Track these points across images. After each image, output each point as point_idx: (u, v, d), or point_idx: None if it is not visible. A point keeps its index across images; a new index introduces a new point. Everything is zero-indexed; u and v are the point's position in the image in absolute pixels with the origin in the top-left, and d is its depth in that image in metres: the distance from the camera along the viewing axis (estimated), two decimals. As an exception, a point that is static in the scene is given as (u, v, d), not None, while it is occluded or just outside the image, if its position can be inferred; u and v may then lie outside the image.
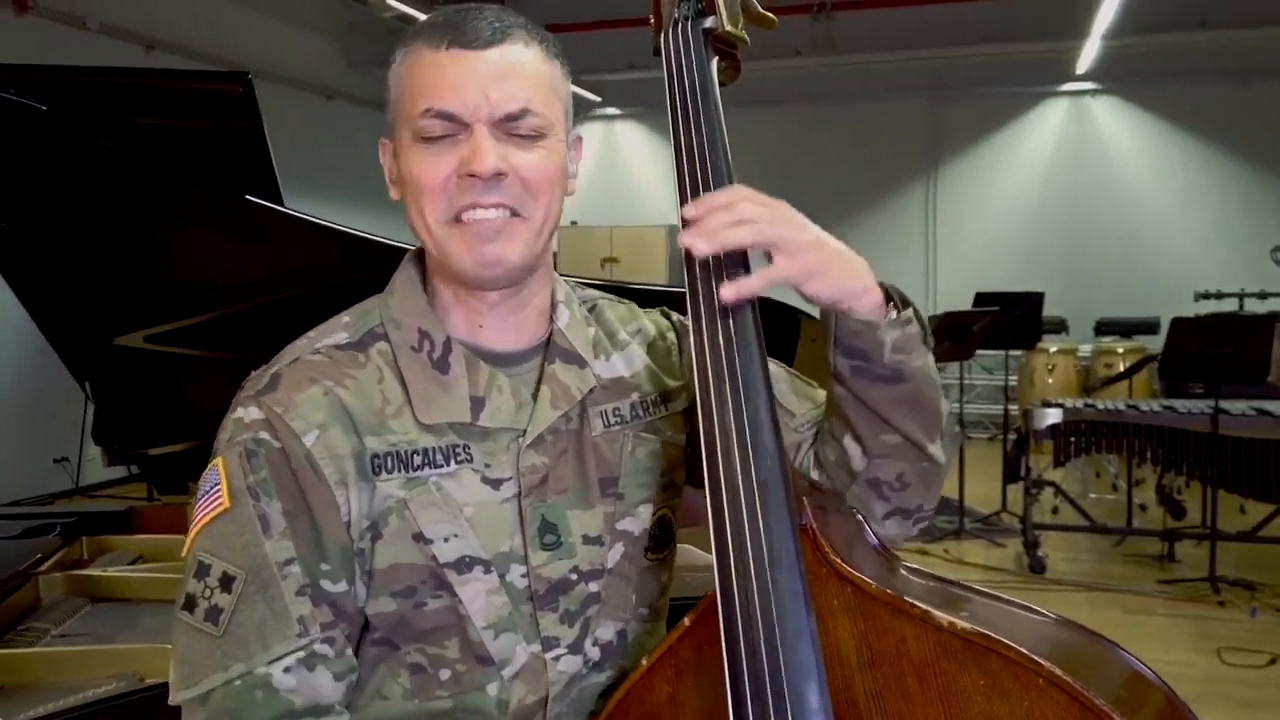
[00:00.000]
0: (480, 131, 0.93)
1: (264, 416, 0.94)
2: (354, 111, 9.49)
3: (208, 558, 0.91)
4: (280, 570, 0.91)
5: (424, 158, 0.94)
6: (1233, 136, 9.09)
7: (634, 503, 1.06)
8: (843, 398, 1.01)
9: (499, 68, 0.93)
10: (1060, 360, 8.15)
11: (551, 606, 1.00)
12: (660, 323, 1.17)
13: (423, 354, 0.99)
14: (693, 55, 1.04)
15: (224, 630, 0.89)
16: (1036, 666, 0.79)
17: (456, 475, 0.97)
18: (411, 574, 0.96)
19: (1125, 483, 5.76)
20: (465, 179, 0.93)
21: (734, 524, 0.89)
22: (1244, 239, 8.88)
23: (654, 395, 1.10)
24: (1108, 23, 7.81)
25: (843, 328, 0.97)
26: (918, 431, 1.00)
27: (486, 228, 0.94)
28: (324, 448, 0.93)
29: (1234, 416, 4.77)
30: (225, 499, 0.92)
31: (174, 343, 2.29)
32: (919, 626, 0.84)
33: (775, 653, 0.84)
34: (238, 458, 0.92)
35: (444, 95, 0.92)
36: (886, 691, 0.84)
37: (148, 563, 2.44)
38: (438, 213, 0.95)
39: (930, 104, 9.71)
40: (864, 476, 1.03)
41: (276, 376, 0.96)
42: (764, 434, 0.91)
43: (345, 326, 1.02)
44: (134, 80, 1.70)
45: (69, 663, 1.85)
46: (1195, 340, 4.95)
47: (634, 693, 0.95)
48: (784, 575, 0.85)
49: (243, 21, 8.01)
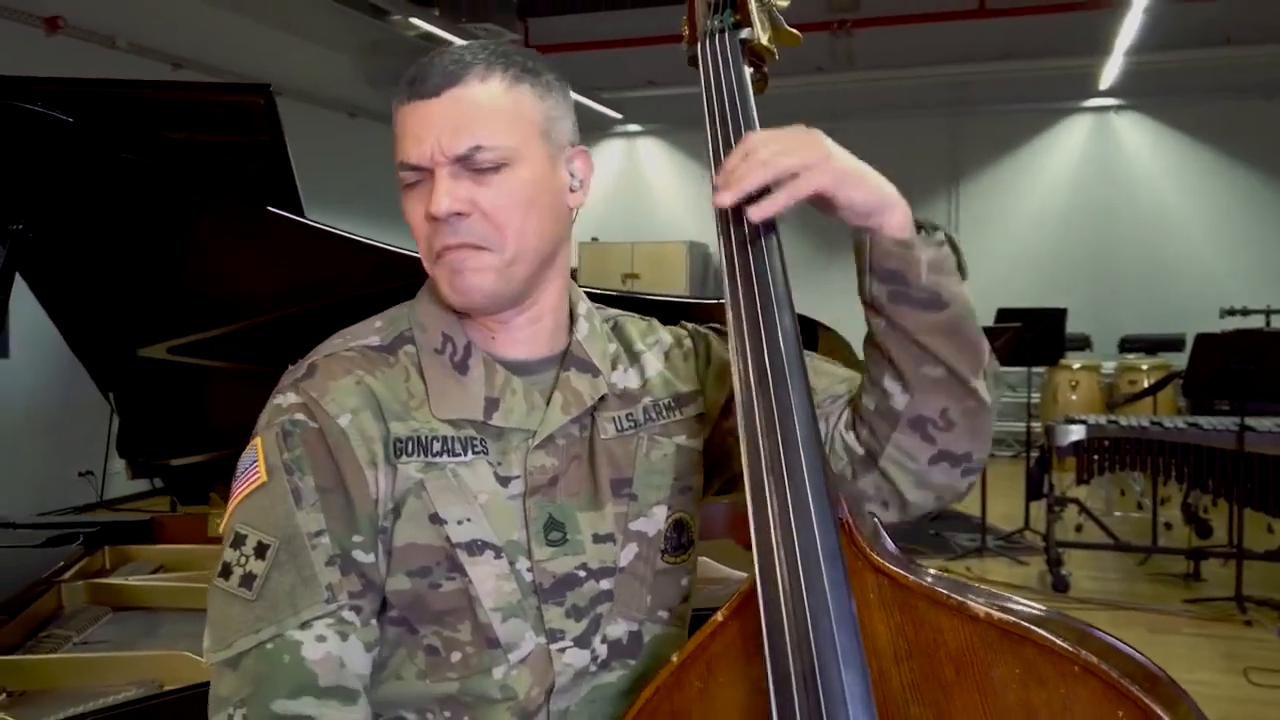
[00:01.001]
0: (439, 175, 0.98)
1: (301, 400, 0.99)
2: (375, 128, 9.56)
3: (244, 528, 0.96)
4: (310, 540, 0.95)
5: (407, 203, 1.02)
6: (1258, 152, 9.05)
7: (648, 504, 1.08)
8: (882, 330, 1.00)
9: (449, 112, 0.98)
10: (1083, 377, 8.10)
11: (558, 600, 1.03)
12: (678, 332, 1.20)
13: (445, 355, 1.04)
14: (731, 65, 1.08)
15: (257, 595, 0.94)
16: (1073, 655, 0.79)
17: (472, 465, 1.02)
18: (427, 554, 0.99)
19: (1150, 501, 5.71)
20: (433, 222, 0.99)
21: (777, 514, 0.89)
22: (1270, 255, 8.82)
23: (667, 399, 1.13)
24: (1131, 39, 7.80)
25: (877, 250, 0.98)
26: (960, 364, 0.99)
27: (457, 262, 0.99)
28: (357, 430, 0.98)
29: (1260, 434, 4.71)
30: (262, 474, 0.97)
31: (196, 354, 2.30)
32: (956, 617, 0.83)
33: (820, 643, 0.84)
34: (275, 437, 0.98)
35: (407, 148, 0.99)
36: (923, 682, 0.84)
37: (169, 572, 2.45)
38: (424, 251, 1.02)
39: (951, 120, 9.71)
40: (906, 416, 1.01)
41: (314, 366, 1.02)
42: (802, 422, 0.92)
43: (377, 331, 1.07)
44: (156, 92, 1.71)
45: (90, 669, 1.85)
46: (1220, 357, 4.91)
47: (663, 690, 0.95)
48: (826, 566, 0.86)
49: (267, 39, 8.10)
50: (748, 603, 0.92)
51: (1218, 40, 8.37)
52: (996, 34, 8.77)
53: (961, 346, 1.00)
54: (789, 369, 0.94)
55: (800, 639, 0.85)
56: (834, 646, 0.84)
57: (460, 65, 0.99)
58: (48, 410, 6.18)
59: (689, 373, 1.16)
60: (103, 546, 2.50)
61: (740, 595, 0.93)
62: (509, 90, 1.00)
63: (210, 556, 2.51)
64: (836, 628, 0.84)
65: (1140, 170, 9.54)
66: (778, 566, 0.88)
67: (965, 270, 1.01)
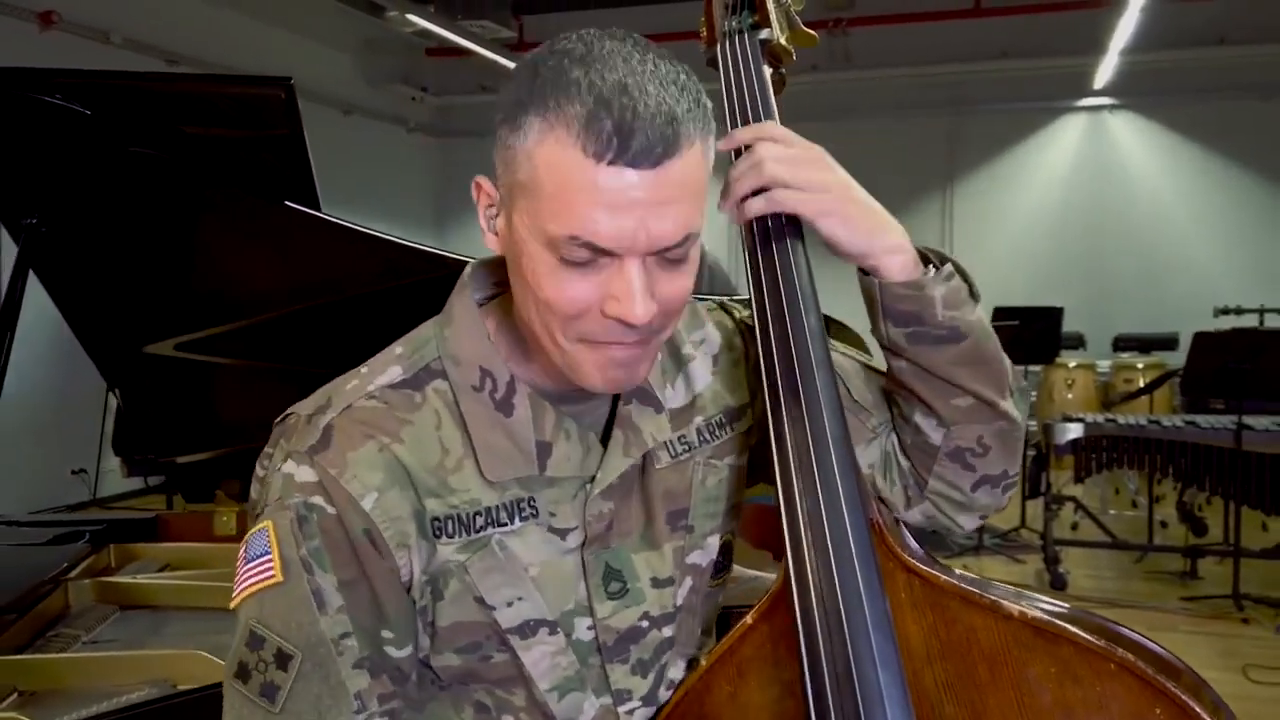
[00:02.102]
0: (631, 269, 0.81)
1: (317, 479, 0.87)
2: (371, 125, 9.55)
3: (261, 629, 0.87)
4: (336, 646, 0.87)
5: (563, 279, 0.81)
6: (1252, 152, 9.05)
7: (703, 534, 1.02)
8: (905, 371, 0.98)
9: (664, 193, 0.79)
10: (1079, 375, 8.12)
11: (622, 658, 0.96)
12: (726, 327, 1.08)
13: (484, 393, 0.91)
14: (752, 65, 1.07)
15: (281, 708, 0.86)
16: (1108, 652, 0.79)
17: (521, 533, 0.92)
18: (474, 631, 0.92)
19: (1145, 499, 5.72)
20: (610, 320, 0.82)
21: (809, 515, 0.88)
22: (1263, 254, 8.84)
23: (719, 417, 1.04)
24: (1126, 38, 7.81)
25: (888, 295, 0.94)
26: (988, 389, 0.97)
27: (625, 355, 0.86)
28: (382, 511, 0.87)
29: (1258, 432, 4.72)
30: (277, 571, 0.86)
31: (205, 351, 2.29)
32: (989, 616, 0.83)
33: (856, 645, 0.84)
34: (289, 524, 0.87)
35: (598, 227, 0.78)
36: (957, 682, 0.84)
37: (175, 570, 2.45)
38: (568, 332, 0.85)
39: (948, 119, 9.70)
40: (945, 449, 1.00)
41: (329, 430, 0.89)
42: (832, 420, 0.91)
43: (398, 359, 0.94)
44: (175, 86, 1.71)
45: (102, 668, 1.84)
46: (1218, 355, 4.92)
47: (692, 695, 0.95)
48: (860, 567, 0.85)
49: (262, 36, 8.08)
50: (777, 605, 0.91)
51: (1212, 40, 8.40)
52: (992, 33, 8.79)
53: (986, 372, 0.98)
54: (817, 368, 0.93)
55: (835, 641, 0.85)
56: (870, 648, 0.83)
57: (673, 124, 0.78)
58: (40, 408, 6.15)
59: (739, 381, 1.06)
60: (108, 545, 2.50)
61: (770, 597, 0.93)
62: (704, 154, 0.83)
63: (217, 555, 2.51)
64: (872, 629, 0.84)
65: (1135, 170, 9.55)
66: (810, 568, 0.87)
67: (978, 295, 0.98)
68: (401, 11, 7.67)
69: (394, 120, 10.14)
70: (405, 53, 9.85)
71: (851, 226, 0.93)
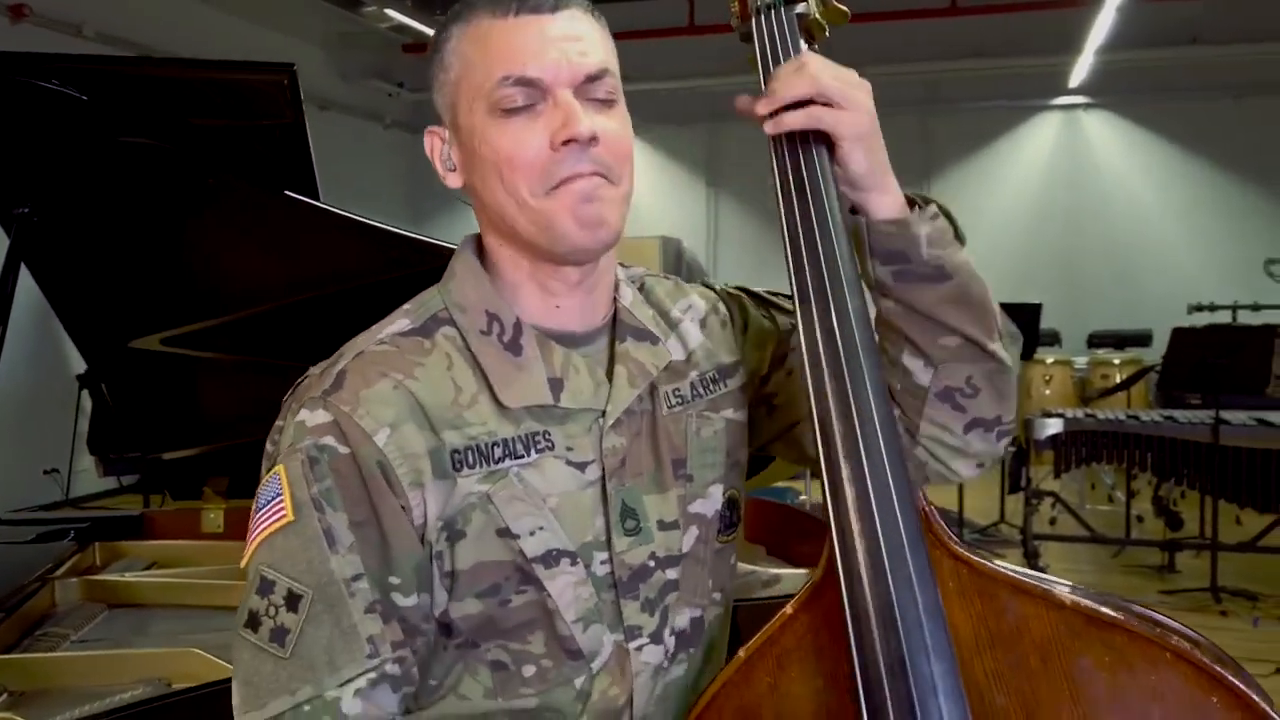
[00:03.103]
0: (565, 96, 0.89)
1: (331, 419, 0.88)
2: (347, 121, 9.47)
3: (271, 573, 0.86)
4: (348, 587, 0.86)
5: (508, 131, 0.90)
6: (1225, 151, 9.17)
7: (704, 484, 1.03)
8: (892, 311, 0.99)
9: (571, 29, 0.91)
10: (1057, 371, 8.19)
11: (633, 594, 0.96)
12: (708, 295, 1.13)
13: (492, 336, 0.94)
14: (789, 37, 1.05)
15: (290, 652, 0.85)
16: (1163, 640, 0.78)
17: (538, 465, 0.93)
18: (496, 571, 0.91)
19: (1122, 494, 5.77)
20: (561, 149, 0.89)
21: (856, 501, 0.87)
22: (1237, 251, 8.94)
23: (712, 373, 1.07)
24: (1102, 38, 7.88)
25: (874, 233, 0.96)
26: (975, 329, 0.98)
27: (590, 189, 0.90)
28: (396, 447, 0.88)
29: (1235, 427, 4.77)
30: (289, 510, 0.87)
31: (194, 345, 2.25)
32: (1040, 605, 0.82)
33: (909, 635, 0.82)
34: (300, 465, 0.87)
35: (524, 60, 0.89)
36: (1008, 672, 0.83)
37: (161, 568, 2.41)
38: (534, 186, 0.90)
39: (923, 118, 9.76)
40: (933, 390, 1.00)
41: (342, 374, 0.91)
42: (878, 403, 0.90)
43: (406, 313, 0.98)
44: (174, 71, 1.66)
45: (95, 667, 1.81)
46: (1196, 351, 4.98)
47: (730, 685, 0.92)
48: (911, 555, 0.84)
49: (236, 30, 7.98)
50: (820, 595, 0.90)
51: (1186, 40, 8.48)
52: (967, 32, 8.84)
53: (973, 312, 0.99)
54: (862, 350, 0.92)
55: (889, 632, 0.83)
56: (924, 638, 0.82)
57: None
58: (11, 408, 6.04)
59: (728, 342, 1.10)
60: (93, 543, 2.46)
61: (811, 587, 0.91)
62: (603, 29, 0.95)
63: (204, 552, 2.48)
64: (925, 619, 0.82)
65: (1109, 168, 9.64)
66: (860, 556, 0.85)
67: (963, 237, 1.01)
68: (380, 6, 7.60)
69: (370, 116, 10.07)
70: (381, 48, 9.77)
71: (872, 158, 0.95)
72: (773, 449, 1.15)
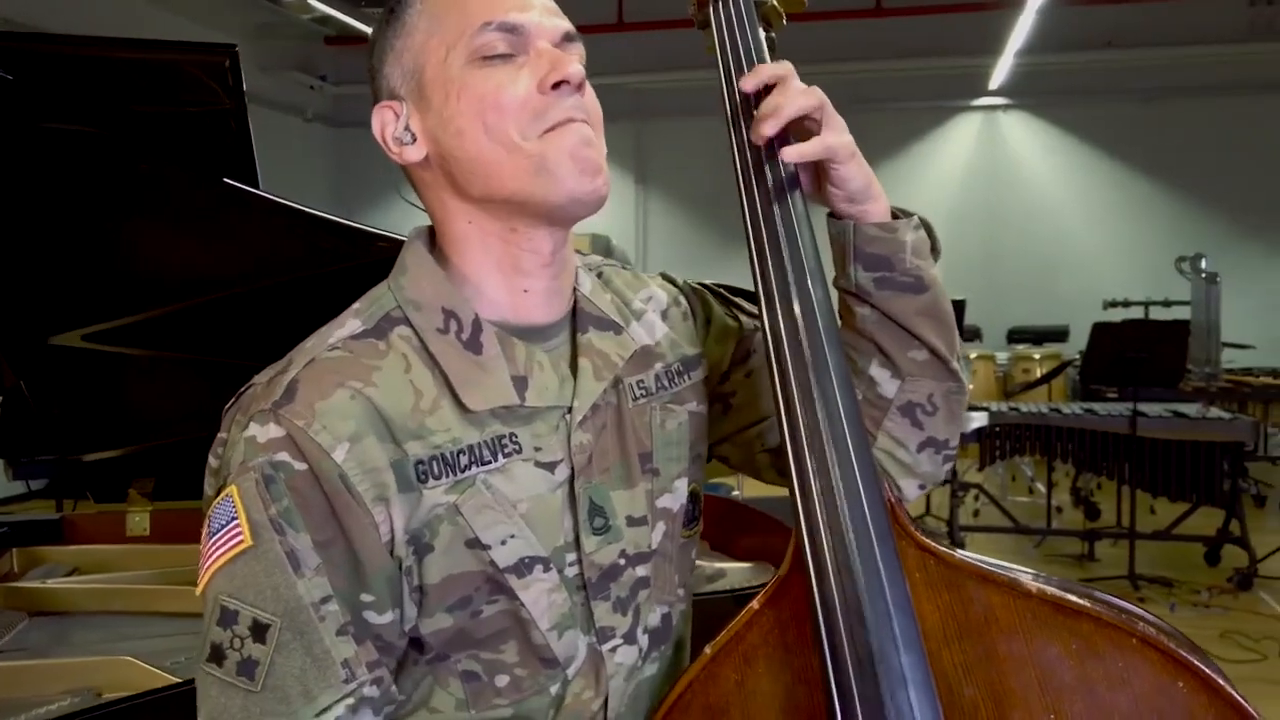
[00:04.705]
0: (545, 46, 0.88)
1: (284, 433, 0.82)
2: (265, 115, 9.25)
3: (232, 603, 0.81)
4: (317, 611, 0.81)
5: (492, 76, 0.86)
6: (1137, 152, 9.47)
7: (670, 478, 1.01)
8: (868, 319, 0.99)
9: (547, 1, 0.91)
10: (980, 366, 8.35)
11: (604, 595, 0.94)
12: (669, 289, 1.10)
13: (450, 335, 0.89)
14: (748, 25, 1.04)
15: (261, 684, 0.80)
16: (1129, 627, 0.79)
17: (506, 470, 0.88)
18: (466, 583, 0.87)
19: (1041, 485, 5.92)
20: (551, 92, 0.86)
21: (822, 493, 0.86)
22: (1148, 249, 9.23)
23: (676, 364, 1.04)
24: (1021, 40, 8.05)
25: (861, 237, 0.96)
26: (943, 345, 0.99)
27: (586, 132, 0.88)
28: (356, 463, 0.82)
29: (1152, 419, 4.94)
30: (246, 535, 0.81)
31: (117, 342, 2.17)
32: (1007, 594, 0.83)
33: (878, 627, 0.82)
34: (254, 485, 0.81)
35: (506, 8, 0.87)
36: (976, 663, 0.83)
37: (85, 574, 2.33)
38: (525, 128, 0.86)
39: (846, 118, 9.84)
40: (896, 403, 1.00)
41: (294, 384, 0.84)
42: (844, 395, 0.90)
43: (356, 314, 0.91)
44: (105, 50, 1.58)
45: (19, 678, 1.73)
46: (1115, 345, 5.11)
47: (697, 685, 0.91)
48: (879, 547, 0.83)
49: (153, 19, 7.77)
50: (787, 589, 0.89)
51: (1100, 44, 8.73)
52: (890, 33, 8.98)
53: (942, 328, 0.99)
54: (827, 341, 0.91)
55: (856, 624, 0.82)
56: (891, 630, 0.82)
57: None
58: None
59: (690, 335, 1.07)
60: (10, 549, 2.36)
61: (777, 582, 0.90)
62: None
63: (130, 557, 2.40)
64: (894, 610, 0.82)
65: (1027, 168, 9.88)
66: (826, 550, 0.85)
67: (939, 251, 1.03)
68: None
69: (290, 109, 9.87)
70: (302, 40, 9.59)
71: (863, 172, 0.95)
72: (721, 450, 1.13)
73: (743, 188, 0.97)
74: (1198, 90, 9.16)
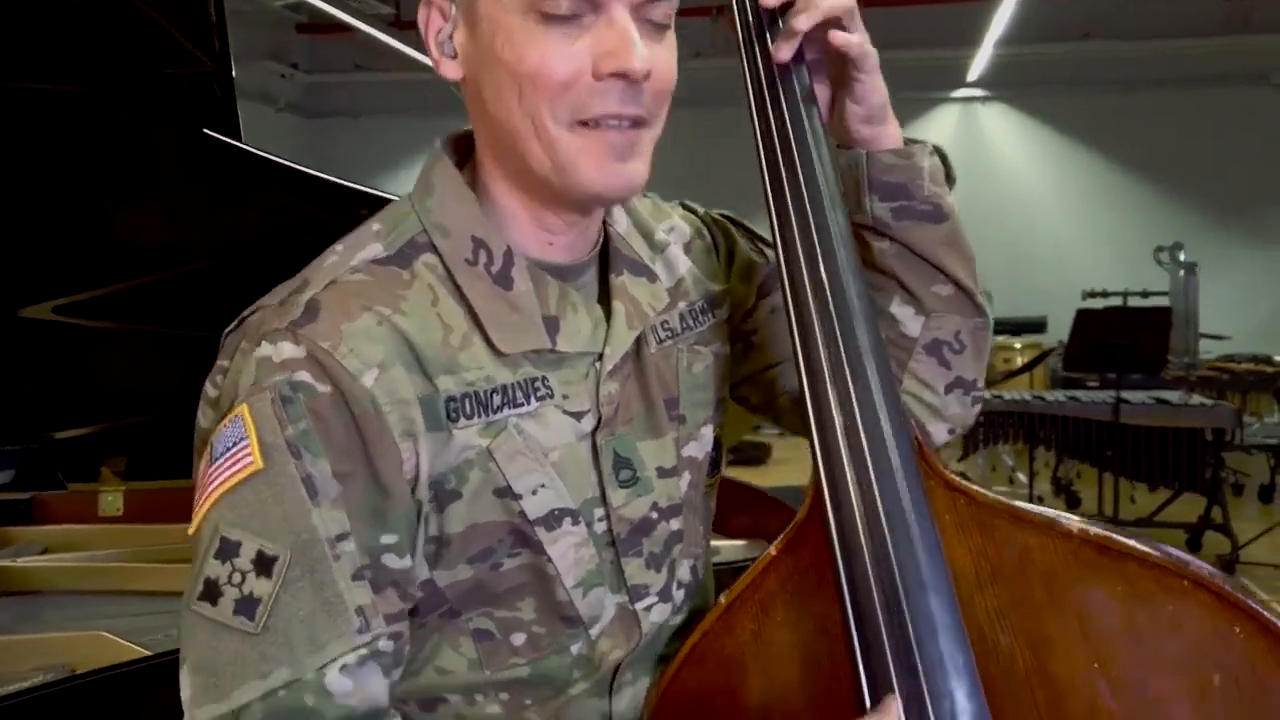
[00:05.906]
0: (621, 15, 0.75)
1: (304, 353, 0.74)
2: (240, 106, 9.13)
3: (234, 532, 0.72)
4: (332, 548, 0.72)
5: (544, 41, 0.75)
6: (1115, 143, 9.52)
7: (696, 424, 0.94)
8: (888, 253, 0.94)
9: None
10: (959, 357, 8.35)
11: (635, 551, 0.87)
12: (691, 219, 1.03)
13: (479, 267, 0.81)
14: None
15: (262, 626, 0.71)
16: (1180, 568, 0.74)
17: (539, 415, 0.81)
18: (489, 534, 0.80)
19: (1022, 475, 5.91)
20: (606, 80, 0.76)
21: (845, 431, 0.81)
22: (1126, 240, 9.27)
23: (700, 303, 0.97)
24: (1000, 31, 8.06)
25: (876, 165, 0.91)
26: (967, 277, 0.95)
27: (621, 141, 0.78)
28: (385, 392, 0.74)
29: (1134, 405, 4.94)
30: (256, 457, 0.72)
31: (89, 315, 2.10)
32: (1045, 535, 0.78)
33: (904, 571, 0.77)
34: (269, 405, 0.72)
35: None
36: (1012, 609, 0.78)
37: (56, 554, 2.26)
38: (559, 112, 0.76)
39: (826, 108, 9.88)
40: (922, 342, 0.96)
41: (314, 303, 0.76)
42: (868, 330, 0.85)
43: (376, 236, 0.82)
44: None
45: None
46: (1098, 332, 5.11)
47: (711, 635, 0.86)
48: (905, 485, 0.78)
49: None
50: (806, 534, 0.84)
51: (1077, 35, 8.75)
52: (869, 23, 8.91)
53: (965, 259, 0.95)
54: (847, 270, 0.86)
55: (882, 568, 0.77)
56: (919, 573, 0.76)
57: None
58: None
59: (714, 269, 1.00)
60: (-23, 528, 2.29)
61: (795, 527, 0.85)
62: None
63: (101, 536, 2.33)
64: (921, 552, 0.77)
65: (1005, 159, 9.91)
66: (850, 491, 0.80)
67: (954, 178, 1.00)
68: (274, -18, 7.36)
69: (260, 98, 9.74)
70: (272, 27, 9.46)
71: (884, 87, 0.91)
72: (741, 391, 1.07)
73: (755, 111, 0.92)
74: (1175, 81, 9.22)
